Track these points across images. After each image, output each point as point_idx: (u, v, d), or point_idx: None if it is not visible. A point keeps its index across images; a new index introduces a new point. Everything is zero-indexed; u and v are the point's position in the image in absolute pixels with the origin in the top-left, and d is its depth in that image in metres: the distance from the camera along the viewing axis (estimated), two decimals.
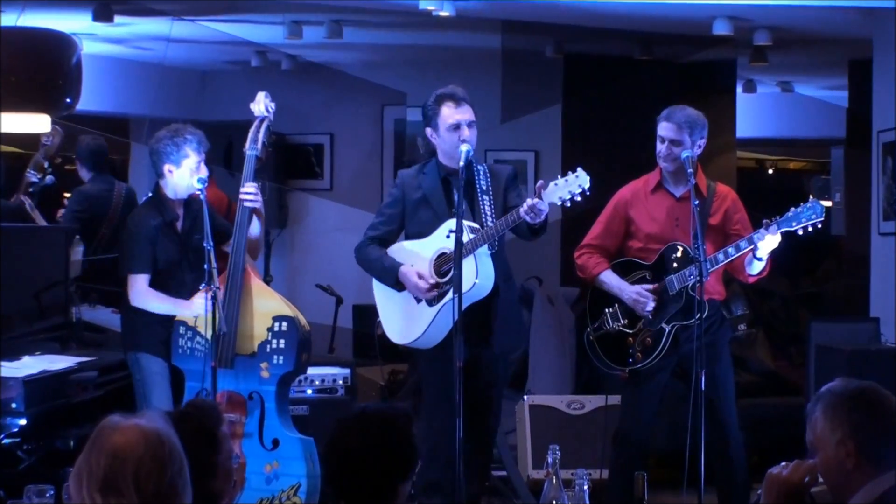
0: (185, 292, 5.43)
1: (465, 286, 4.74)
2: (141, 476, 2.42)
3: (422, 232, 5.13)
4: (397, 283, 5.12)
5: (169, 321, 5.41)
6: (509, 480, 6.51)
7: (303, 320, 5.45)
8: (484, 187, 5.07)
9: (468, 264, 4.82)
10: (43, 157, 6.99)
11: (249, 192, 5.40)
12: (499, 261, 5.08)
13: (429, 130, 5.10)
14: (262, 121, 5.49)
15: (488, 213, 5.03)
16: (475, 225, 4.95)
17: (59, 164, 7.51)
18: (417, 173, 5.19)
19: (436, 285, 5.02)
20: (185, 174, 5.40)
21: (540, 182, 4.80)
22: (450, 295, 4.91)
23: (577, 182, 4.73)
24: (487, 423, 5.18)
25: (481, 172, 5.10)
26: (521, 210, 4.76)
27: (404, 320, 5.16)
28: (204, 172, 5.43)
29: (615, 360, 5.40)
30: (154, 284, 5.42)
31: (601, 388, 6.44)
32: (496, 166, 5.24)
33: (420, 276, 5.04)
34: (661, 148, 5.34)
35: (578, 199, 4.75)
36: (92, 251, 7.20)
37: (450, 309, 4.92)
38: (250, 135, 5.48)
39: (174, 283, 5.46)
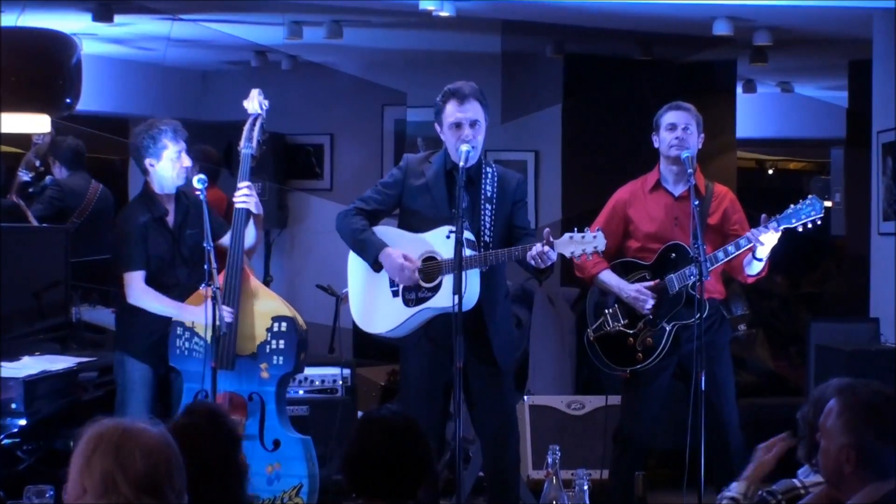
0: (180, 290, 5.38)
1: (448, 301, 4.68)
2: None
3: (417, 218, 5.03)
4: (376, 263, 4.99)
5: (163, 326, 5.35)
6: None
7: (300, 320, 5.42)
8: (489, 194, 4.99)
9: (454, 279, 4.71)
10: (35, 156, 6.97)
11: (243, 191, 5.35)
12: (498, 276, 5.04)
13: (436, 126, 5.03)
14: (255, 118, 5.46)
15: (488, 223, 4.96)
16: (472, 238, 4.87)
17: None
18: (423, 161, 5.09)
19: (416, 288, 4.94)
20: (167, 166, 5.37)
21: (547, 230, 4.77)
22: (429, 303, 4.91)
23: (594, 243, 4.72)
24: (496, 438, 5.09)
25: (489, 176, 5.01)
26: (529, 254, 4.72)
27: (376, 309, 5.07)
28: (187, 161, 5.40)
29: (616, 360, 5.40)
30: (148, 282, 5.36)
31: (601, 389, 6.43)
32: (506, 173, 5.11)
33: (406, 258, 4.92)
34: (671, 136, 5.30)
35: (590, 257, 4.86)
36: None
37: (424, 314, 4.94)
38: (244, 133, 5.44)
39: (168, 279, 5.40)
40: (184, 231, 5.45)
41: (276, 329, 5.34)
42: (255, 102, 5.47)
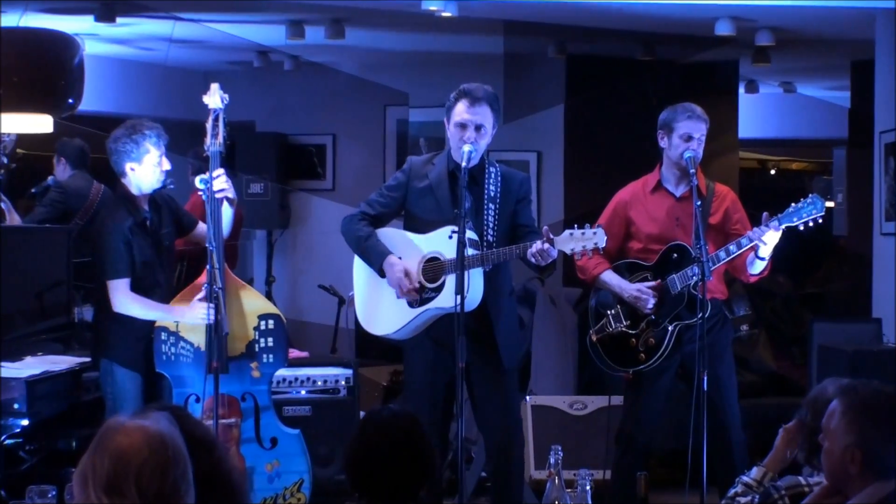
0: (159, 293, 5.30)
1: (452, 301, 4.66)
2: (143, 478, 2.42)
3: (421, 220, 5.03)
4: (381, 270, 5.00)
5: (150, 331, 5.24)
6: None
7: (283, 316, 5.39)
8: (492, 193, 4.99)
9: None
10: (2, 153, 6.95)
11: (221, 179, 5.16)
12: (503, 275, 5.04)
13: (445, 121, 5.03)
14: (217, 115, 5.28)
15: (491, 222, 4.96)
16: (475, 237, 4.86)
17: (22, 158, 7.45)
18: (427, 162, 5.10)
19: (419, 289, 4.94)
20: (147, 170, 5.28)
21: (546, 227, 4.75)
22: (433, 303, 4.90)
23: (594, 240, 4.69)
24: (499, 440, 5.09)
25: (492, 175, 5.01)
26: (529, 252, 4.71)
27: (380, 311, 5.06)
28: (167, 165, 5.32)
29: (618, 361, 5.40)
30: (132, 287, 5.23)
31: (603, 389, 6.44)
32: (509, 172, 5.11)
33: (406, 273, 4.94)
34: (686, 146, 5.27)
35: (590, 254, 4.78)
36: None
37: (429, 315, 4.93)
38: (209, 131, 5.24)
39: (149, 284, 5.30)
40: (160, 232, 5.38)
41: (263, 327, 5.30)
42: (216, 97, 5.30)
